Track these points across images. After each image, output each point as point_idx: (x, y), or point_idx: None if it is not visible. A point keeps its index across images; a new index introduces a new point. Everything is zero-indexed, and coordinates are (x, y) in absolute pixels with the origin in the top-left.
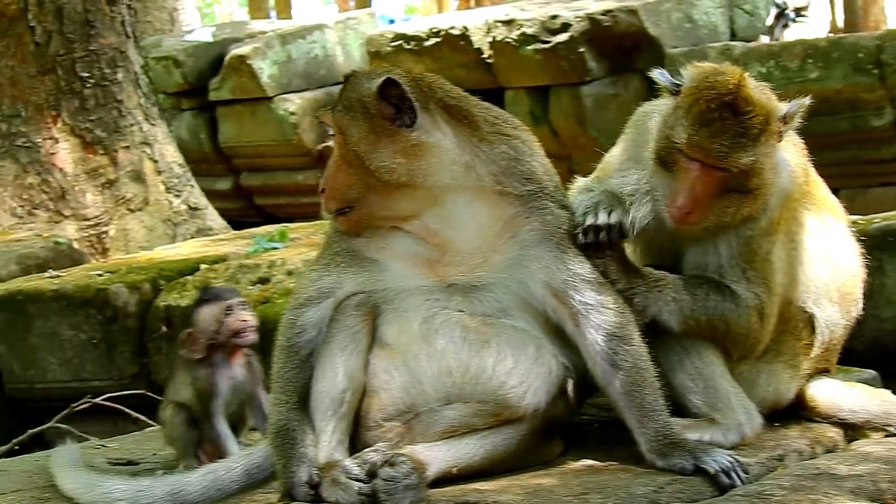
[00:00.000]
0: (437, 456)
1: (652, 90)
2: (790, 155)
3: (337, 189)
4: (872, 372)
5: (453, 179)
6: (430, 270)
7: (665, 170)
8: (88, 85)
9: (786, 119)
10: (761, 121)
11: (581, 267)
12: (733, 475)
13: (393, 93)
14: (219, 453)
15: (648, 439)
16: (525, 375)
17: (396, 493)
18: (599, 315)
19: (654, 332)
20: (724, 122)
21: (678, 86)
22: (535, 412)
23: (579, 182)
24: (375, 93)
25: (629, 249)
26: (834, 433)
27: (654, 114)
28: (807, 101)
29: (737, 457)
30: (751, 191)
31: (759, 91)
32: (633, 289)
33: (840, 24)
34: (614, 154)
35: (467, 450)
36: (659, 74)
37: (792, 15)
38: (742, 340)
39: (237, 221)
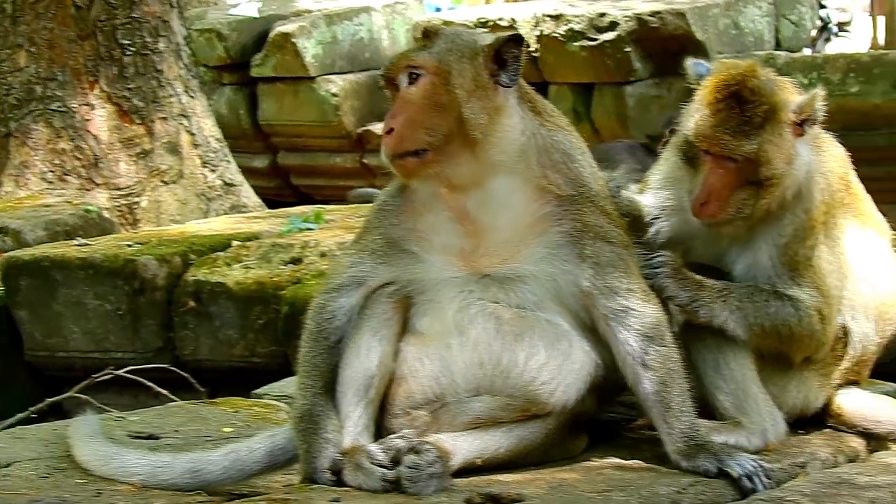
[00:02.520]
0: (463, 446)
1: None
2: (828, 162)
3: (416, 130)
4: (895, 385)
5: (508, 157)
6: (465, 262)
7: (689, 166)
8: (128, 53)
9: (800, 110)
10: (766, 109)
11: (611, 276)
12: (756, 480)
13: (511, 49)
14: None
15: (674, 440)
16: (556, 371)
17: (420, 481)
18: (630, 317)
19: (691, 331)
20: (730, 111)
21: (703, 78)
22: (564, 409)
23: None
24: (496, 45)
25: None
26: (857, 443)
27: None
28: (821, 91)
29: (761, 462)
30: (763, 182)
31: (771, 83)
32: (696, 302)
33: (881, 41)
34: (655, 170)
35: (493, 441)
36: (692, 65)
37: (835, 29)
38: (806, 343)
39: (272, 200)
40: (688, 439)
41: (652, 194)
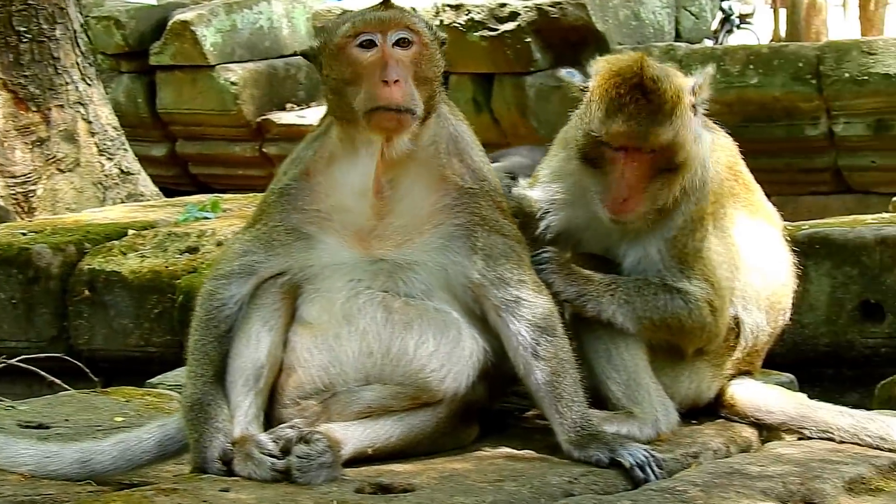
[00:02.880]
0: (353, 435)
1: None
2: (716, 151)
3: (416, 91)
4: (790, 375)
5: (424, 141)
6: (360, 243)
7: (593, 167)
8: (25, 40)
9: (695, 91)
10: (672, 95)
11: (503, 267)
12: (648, 470)
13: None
14: None
15: (566, 430)
16: (446, 359)
17: (310, 471)
18: (521, 308)
19: (583, 321)
20: (637, 103)
21: (586, 82)
22: (454, 396)
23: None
24: (442, 39)
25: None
26: (749, 433)
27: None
28: (711, 70)
29: (653, 452)
30: (678, 166)
31: (663, 70)
32: (583, 296)
33: (783, 34)
34: (543, 165)
35: (383, 431)
36: (566, 73)
37: (737, 21)
38: (698, 335)
39: (171, 189)
40: (579, 429)
41: (541, 189)
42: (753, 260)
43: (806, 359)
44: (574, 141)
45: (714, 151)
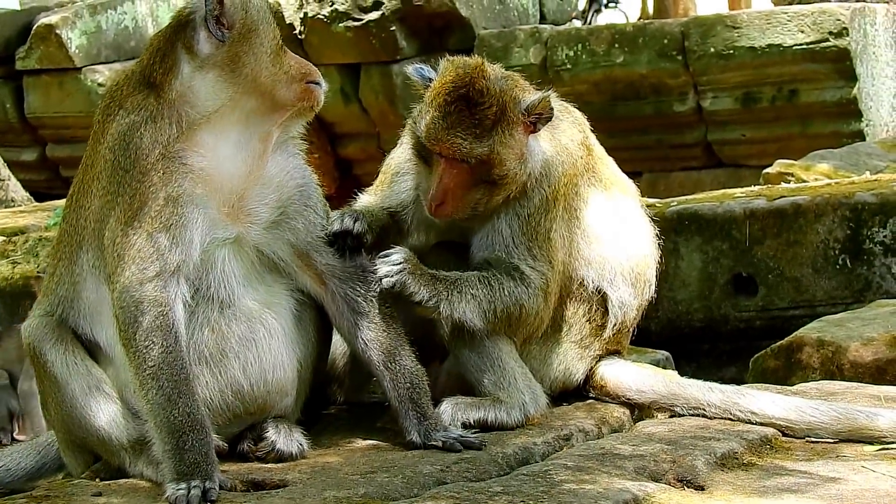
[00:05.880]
0: None
1: None
2: (565, 134)
3: None
4: (665, 353)
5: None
6: (227, 216)
7: (423, 163)
8: None
9: (531, 110)
10: (496, 112)
11: (322, 230)
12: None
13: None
14: None
15: (397, 385)
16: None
17: None
18: (343, 271)
19: None
20: (460, 114)
21: (431, 80)
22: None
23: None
24: None
25: (419, 238)
26: (620, 413)
27: None
28: (551, 93)
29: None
30: (496, 181)
31: (500, 82)
32: (436, 296)
33: (651, 12)
34: (394, 157)
35: None
36: (413, 71)
37: (604, 1)
38: (531, 322)
39: (42, 193)
40: (409, 386)
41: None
42: (611, 232)
43: (681, 335)
44: (409, 135)
45: (564, 131)
